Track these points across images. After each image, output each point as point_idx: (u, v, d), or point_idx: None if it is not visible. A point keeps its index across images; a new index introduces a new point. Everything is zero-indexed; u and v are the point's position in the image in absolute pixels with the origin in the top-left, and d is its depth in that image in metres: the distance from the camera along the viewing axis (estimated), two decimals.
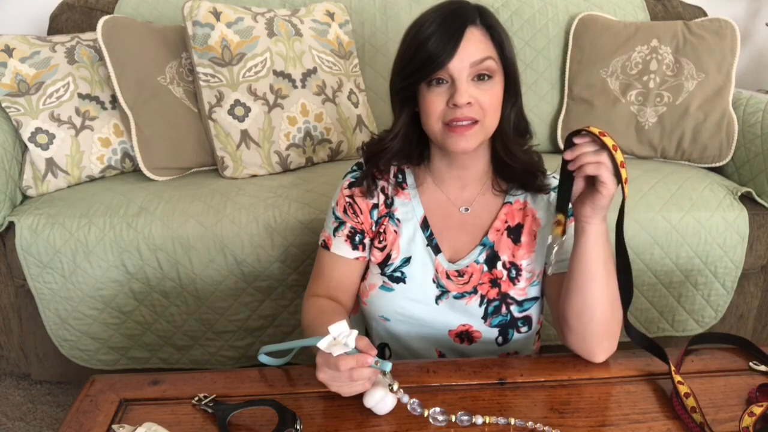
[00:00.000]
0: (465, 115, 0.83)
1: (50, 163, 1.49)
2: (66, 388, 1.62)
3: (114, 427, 0.73)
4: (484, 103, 0.84)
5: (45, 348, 1.50)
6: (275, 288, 1.42)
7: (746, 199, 1.51)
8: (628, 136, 1.74)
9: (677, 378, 0.79)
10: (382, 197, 0.96)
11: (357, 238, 0.96)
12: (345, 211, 0.96)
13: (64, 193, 1.49)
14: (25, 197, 1.50)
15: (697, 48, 1.71)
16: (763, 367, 0.84)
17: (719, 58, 1.70)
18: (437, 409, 0.74)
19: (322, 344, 0.72)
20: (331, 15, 1.74)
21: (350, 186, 0.97)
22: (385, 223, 0.96)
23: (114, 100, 1.58)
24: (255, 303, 1.43)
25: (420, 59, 0.83)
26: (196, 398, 0.78)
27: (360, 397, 0.75)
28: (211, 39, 1.52)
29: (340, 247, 0.96)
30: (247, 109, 1.55)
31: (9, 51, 1.47)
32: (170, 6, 1.81)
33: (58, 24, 1.80)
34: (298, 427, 0.71)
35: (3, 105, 1.47)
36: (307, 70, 1.63)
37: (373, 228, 0.97)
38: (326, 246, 0.98)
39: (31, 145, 1.47)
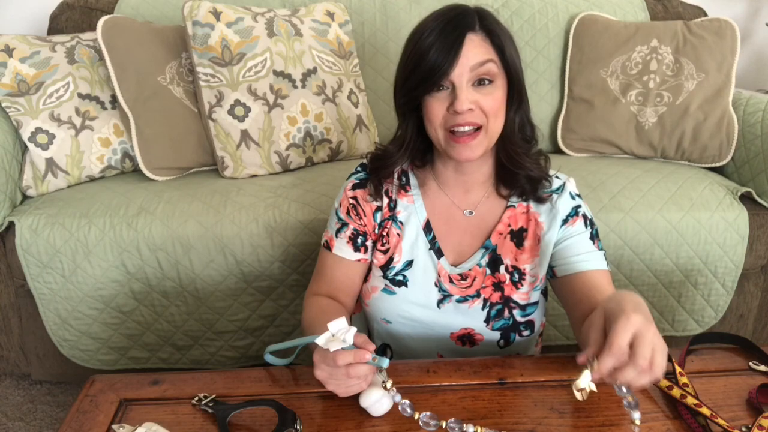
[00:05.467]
0: (467, 121, 0.83)
1: (50, 163, 1.49)
2: (66, 388, 1.62)
3: (114, 427, 0.73)
4: (485, 106, 0.83)
5: (45, 348, 1.50)
6: (275, 288, 1.42)
7: (746, 199, 1.51)
8: (628, 136, 1.74)
9: (683, 380, 0.79)
10: (385, 200, 0.96)
11: (359, 240, 0.96)
12: (348, 213, 0.96)
13: (64, 193, 1.49)
14: (25, 197, 1.50)
15: (697, 48, 1.71)
16: (763, 367, 0.84)
17: (719, 58, 1.70)
18: (428, 413, 0.73)
19: (320, 340, 0.72)
20: (331, 15, 1.74)
21: (354, 187, 0.96)
22: (388, 226, 0.95)
23: (114, 100, 1.58)
24: (255, 303, 1.43)
25: (421, 72, 0.83)
26: (196, 398, 0.78)
27: (357, 396, 0.75)
28: (211, 39, 1.52)
29: (342, 248, 0.96)
30: (247, 109, 1.55)
31: (9, 51, 1.47)
32: (170, 6, 1.81)
33: (58, 24, 1.80)
34: (298, 427, 0.71)
35: (3, 105, 1.47)
36: (307, 70, 1.63)
37: (376, 230, 0.96)
38: (328, 246, 0.97)
39: (31, 145, 1.47)
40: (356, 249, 0.96)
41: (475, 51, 0.82)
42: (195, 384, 0.81)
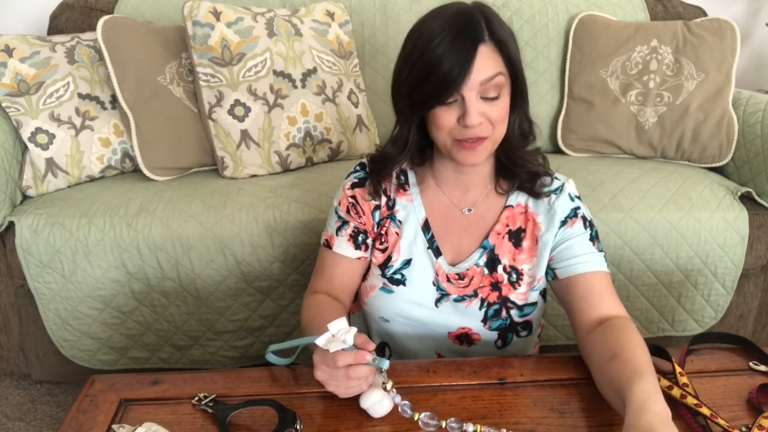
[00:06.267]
0: (476, 135, 0.82)
1: (50, 163, 1.49)
2: (66, 388, 1.62)
3: (114, 427, 0.73)
4: (493, 117, 0.83)
5: (45, 348, 1.50)
6: (275, 288, 1.42)
7: (746, 199, 1.51)
8: (628, 136, 1.74)
9: (683, 380, 0.79)
10: (384, 198, 0.96)
11: (360, 238, 0.96)
12: (348, 211, 0.96)
13: (64, 193, 1.49)
14: (25, 197, 1.50)
15: (697, 48, 1.71)
16: (763, 367, 0.84)
17: (719, 58, 1.70)
18: (427, 413, 0.73)
19: (320, 341, 0.72)
20: (331, 15, 1.74)
21: (353, 186, 0.96)
22: (387, 225, 0.95)
23: (114, 100, 1.58)
24: (255, 303, 1.43)
25: (431, 86, 0.81)
26: (196, 398, 0.78)
27: (357, 396, 0.75)
28: (211, 39, 1.52)
29: (343, 246, 0.96)
30: (247, 109, 1.55)
31: (9, 51, 1.47)
32: (170, 6, 1.81)
33: (58, 24, 1.80)
34: (298, 427, 0.71)
35: (3, 105, 1.47)
36: (307, 70, 1.63)
37: (375, 229, 0.96)
38: (328, 245, 0.97)
39: (31, 145, 1.47)
40: (357, 247, 0.96)
41: (485, 64, 0.80)
42: (195, 384, 0.81)
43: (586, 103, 1.79)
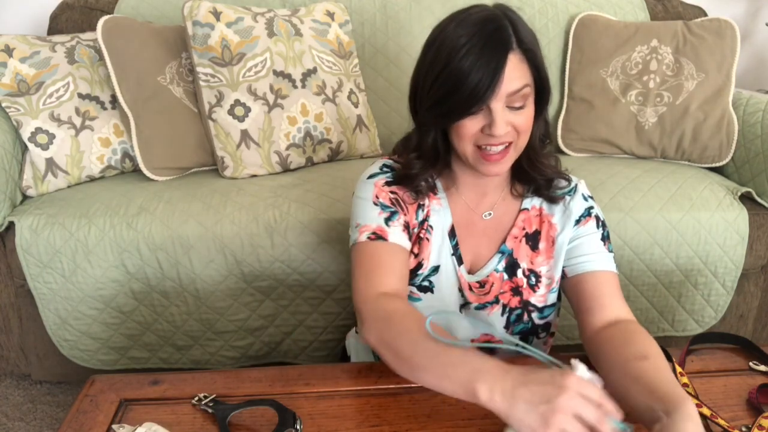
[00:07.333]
0: (500, 141, 0.82)
1: (50, 163, 1.49)
2: (66, 388, 1.62)
3: (114, 427, 0.73)
4: (518, 125, 0.82)
5: (45, 348, 1.50)
6: (275, 288, 1.42)
7: (746, 199, 1.51)
8: (628, 136, 1.74)
9: (684, 380, 0.79)
10: (426, 200, 0.92)
11: (410, 232, 0.90)
12: (392, 204, 0.89)
13: (64, 193, 1.49)
14: (25, 197, 1.50)
15: (697, 48, 1.71)
16: (763, 367, 0.84)
17: (719, 58, 1.70)
18: None
19: (583, 372, 0.63)
20: (331, 15, 1.74)
21: (388, 184, 0.91)
22: (425, 227, 0.92)
23: (114, 100, 1.58)
24: (255, 303, 1.43)
25: (459, 98, 0.78)
26: (196, 398, 0.77)
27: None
28: (211, 39, 1.52)
29: (398, 236, 0.87)
30: (247, 109, 1.55)
31: (9, 51, 1.47)
32: (170, 6, 1.81)
33: (58, 24, 1.80)
34: (298, 427, 0.71)
35: (3, 105, 1.47)
36: (307, 70, 1.63)
37: (416, 230, 0.92)
38: (381, 237, 0.86)
39: (31, 145, 1.47)
40: (409, 238, 0.89)
41: (514, 75, 0.78)
42: (195, 384, 0.81)
43: (586, 103, 1.79)
